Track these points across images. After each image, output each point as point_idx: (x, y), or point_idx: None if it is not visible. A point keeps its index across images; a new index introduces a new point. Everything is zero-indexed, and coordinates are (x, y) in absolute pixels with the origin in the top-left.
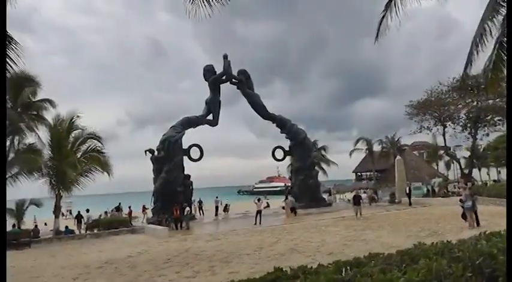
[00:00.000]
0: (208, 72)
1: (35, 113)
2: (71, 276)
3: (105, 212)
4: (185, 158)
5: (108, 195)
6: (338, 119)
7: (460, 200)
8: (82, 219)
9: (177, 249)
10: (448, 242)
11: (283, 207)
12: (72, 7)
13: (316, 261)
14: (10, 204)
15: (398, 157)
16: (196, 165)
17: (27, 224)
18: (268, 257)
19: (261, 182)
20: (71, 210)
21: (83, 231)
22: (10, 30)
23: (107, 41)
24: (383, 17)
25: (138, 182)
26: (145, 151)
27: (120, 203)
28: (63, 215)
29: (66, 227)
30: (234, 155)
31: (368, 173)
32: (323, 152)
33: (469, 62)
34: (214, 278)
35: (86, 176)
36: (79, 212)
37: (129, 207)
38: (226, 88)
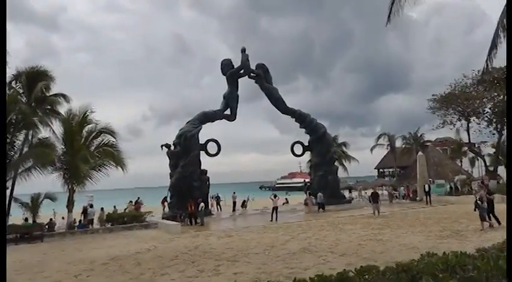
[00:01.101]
0: (226, 66)
1: (49, 107)
2: (74, 273)
3: (128, 205)
4: (202, 153)
5: (131, 190)
6: (362, 115)
7: (477, 202)
8: (87, 214)
9: (186, 246)
10: (462, 253)
11: (305, 203)
12: (98, 5)
13: (327, 263)
14: (25, 198)
15: (420, 153)
16: (219, 161)
17: (42, 217)
18: (278, 256)
19: (282, 178)
20: (92, 204)
21: (96, 226)
22: (40, 29)
23: (132, 38)
24: None
25: (163, 176)
26: (162, 146)
27: (139, 197)
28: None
29: (80, 221)
30: (258, 150)
31: (390, 170)
32: (343, 148)
33: (491, 53)
34: (216, 279)
35: (98, 170)
36: (84, 206)
37: (137, 199)
38: (251, 84)
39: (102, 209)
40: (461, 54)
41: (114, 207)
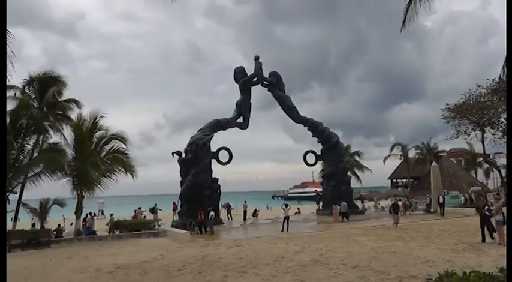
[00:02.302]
0: (239, 74)
1: (61, 112)
2: (78, 281)
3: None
4: (214, 161)
5: (144, 197)
6: (375, 124)
7: (484, 212)
8: (85, 222)
9: (195, 256)
10: (486, 275)
11: (318, 210)
12: (114, 13)
13: (339, 276)
14: (34, 203)
15: (434, 164)
16: (230, 170)
17: (51, 223)
18: (288, 268)
19: (295, 187)
20: (103, 211)
21: (104, 233)
22: (57, 36)
23: (147, 46)
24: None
25: (175, 183)
26: (173, 153)
27: (156, 204)
28: (94, 215)
29: (88, 227)
30: (271, 159)
31: (403, 180)
32: (356, 158)
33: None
34: None
35: (108, 176)
36: (86, 214)
37: (138, 209)
38: (264, 92)
39: (102, 212)
40: (475, 63)
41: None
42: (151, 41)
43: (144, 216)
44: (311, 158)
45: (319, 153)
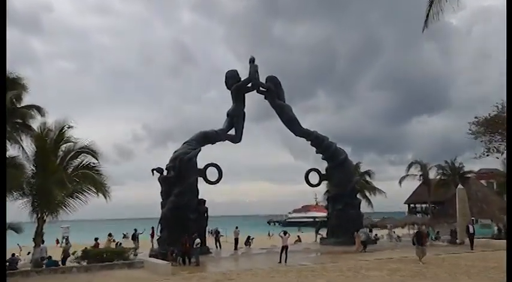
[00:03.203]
0: (231, 78)
1: (20, 121)
2: None
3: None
4: (200, 179)
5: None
6: (390, 139)
7: None
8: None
9: None
10: None
11: (322, 238)
12: (87, 6)
13: None
14: None
15: (460, 186)
16: (220, 190)
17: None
18: None
19: (295, 211)
20: (67, 237)
21: (72, 264)
22: (19, 31)
23: (124, 45)
24: None
25: (155, 205)
26: (153, 170)
27: (136, 230)
28: (57, 242)
29: (49, 257)
30: (268, 179)
31: (423, 206)
32: (367, 178)
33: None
34: None
35: (76, 197)
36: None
37: (109, 235)
38: (260, 100)
39: (66, 238)
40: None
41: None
42: (130, 39)
43: (120, 243)
44: (314, 178)
45: (323, 172)
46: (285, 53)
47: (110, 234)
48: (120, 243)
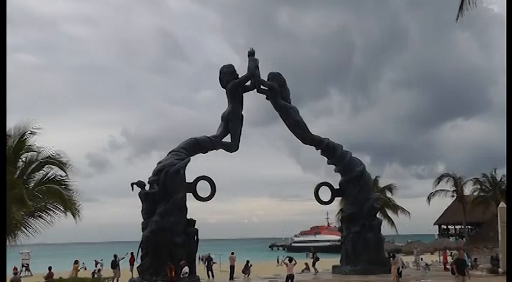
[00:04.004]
0: (227, 75)
1: None
2: None
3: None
4: (190, 195)
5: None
6: (417, 148)
7: None
8: None
9: None
10: None
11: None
12: None
13: None
14: None
15: (502, 205)
16: (213, 208)
17: None
18: None
19: (302, 233)
20: (28, 265)
21: None
22: None
23: (100, 36)
24: None
25: (136, 226)
26: (132, 184)
27: (116, 256)
28: (15, 270)
29: None
30: (271, 194)
31: (457, 227)
32: (388, 194)
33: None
34: None
35: (39, 216)
36: None
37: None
38: (261, 100)
39: (26, 266)
40: None
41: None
42: (107, 29)
43: (98, 270)
44: (326, 194)
45: (337, 186)
46: (291, 46)
47: (76, 262)
48: (99, 270)
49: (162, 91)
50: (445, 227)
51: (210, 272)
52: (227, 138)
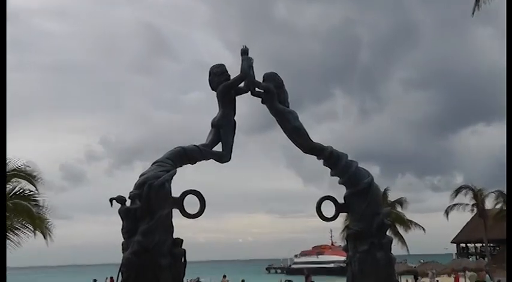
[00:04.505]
0: (217, 76)
1: None
2: None
3: None
4: (176, 212)
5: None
6: (432, 156)
7: None
8: None
9: None
10: None
11: None
12: None
13: None
14: None
15: None
16: (202, 226)
17: None
18: None
19: (303, 254)
20: None
21: None
22: None
23: (74, 31)
24: None
25: (116, 247)
26: (111, 200)
27: (95, 281)
28: None
29: None
30: (267, 210)
31: (477, 245)
32: (399, 208)
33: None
34: None
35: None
36: None
37: None
38: (257, 104)
39: None
40: None
41: None
42: (83, 23)
43: None
44: (329, 209)
45: (341, 201)
46: (289, 41)
47: None
48: None
49: (146, 93)
50: (464, 245)
51: None
52: (218, 147)
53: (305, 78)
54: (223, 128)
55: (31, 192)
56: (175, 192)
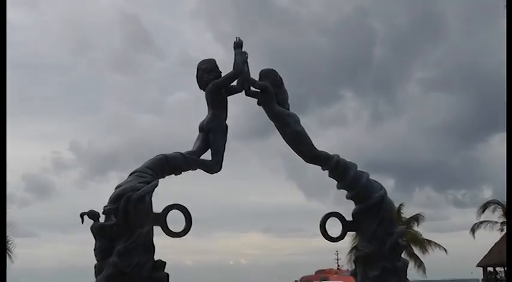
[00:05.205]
0: (206, 72)
1: None
2: None
3: None
4: (158, 229)
5: None
6: (456, 167)
7: None
8: None
9: None
10: None
11: None
12: None
13: None
14: None
15: None
16: (187, 245)
17: None
18: None
19: (304, 280)
20: None
21: None
22: None
23: (42, 21)
24: None
25: (90, 270)
26: (82, 215)
27: None
28: None
29: None
30: (263, 228)
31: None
32: (415, 226)
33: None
34: None
35: None
36: None
37: None
38: (252, 105)
39: None
40: None
41: None
42: (53, 13)
43: None
44: (335, 228)
45: (349, 218)
46: (291, 34)
47: None
48: None
49: (124, 93)
50: (491, 269)
51: None
52: (207, 155)
53: (309, 77)
54: (213, 133)
55: None
56: (157, 207)
